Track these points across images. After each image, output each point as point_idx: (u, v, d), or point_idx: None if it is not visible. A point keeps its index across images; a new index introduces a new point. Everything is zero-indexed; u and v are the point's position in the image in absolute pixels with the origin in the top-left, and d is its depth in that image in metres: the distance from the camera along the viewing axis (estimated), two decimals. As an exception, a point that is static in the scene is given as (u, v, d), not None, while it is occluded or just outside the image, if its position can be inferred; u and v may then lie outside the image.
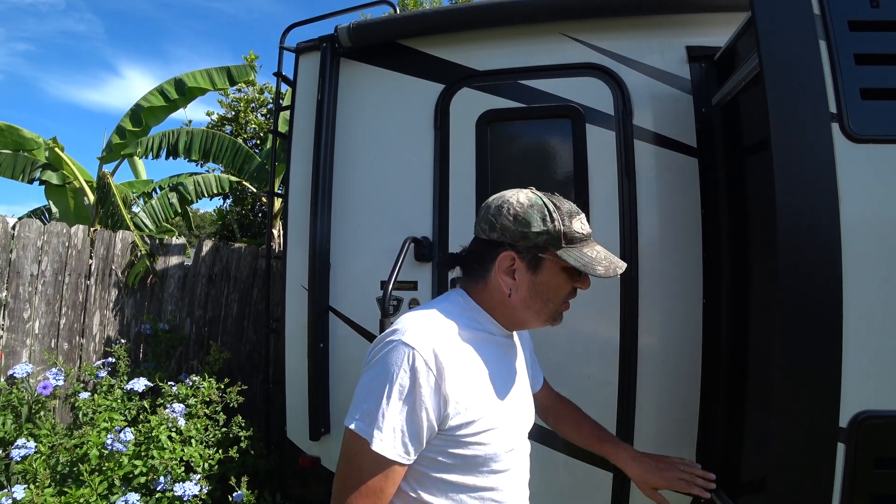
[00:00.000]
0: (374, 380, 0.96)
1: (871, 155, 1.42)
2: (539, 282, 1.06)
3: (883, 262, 1.41)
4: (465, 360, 1.01)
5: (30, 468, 2.22)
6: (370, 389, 0.96)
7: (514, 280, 1.06)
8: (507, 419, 1.07)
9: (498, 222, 1.06)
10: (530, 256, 1.05)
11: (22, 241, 3.01)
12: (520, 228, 1.03)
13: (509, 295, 1.07)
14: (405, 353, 0.95)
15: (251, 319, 4.23)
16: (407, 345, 0.96)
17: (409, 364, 0.95)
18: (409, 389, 0.94)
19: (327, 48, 2.44)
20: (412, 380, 0.94)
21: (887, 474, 1.41)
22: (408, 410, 0.94)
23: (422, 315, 1.05)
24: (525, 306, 1.08)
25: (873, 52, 1.47)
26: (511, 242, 1.05)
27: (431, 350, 0.96)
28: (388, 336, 1.01)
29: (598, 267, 1.05)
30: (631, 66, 2.16)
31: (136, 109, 5.11)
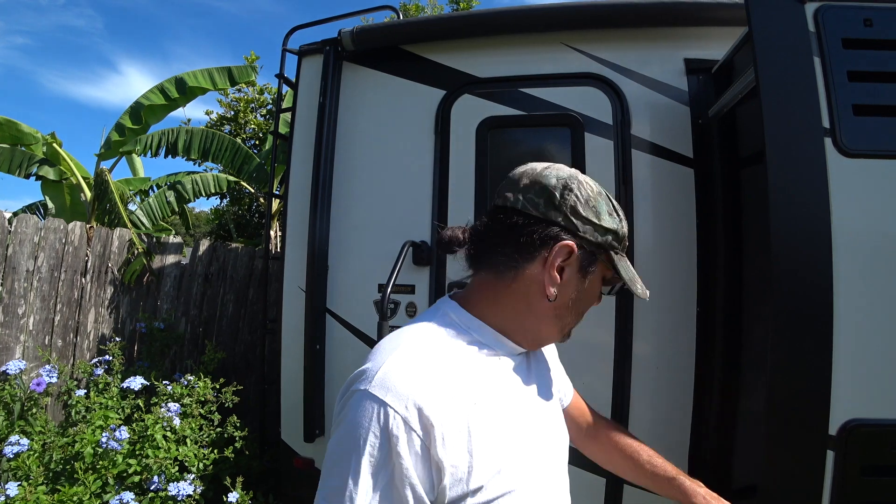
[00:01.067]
0: (339, 446, 0.70)
1: (862, 169, 1.45)
2: (584, 288, 0.83)
3: (873, 274, 1.45)
4: (464, 401, 0.72)
5: (22, 465, 2.21)
6: (336, 460, 0.70)
7: (560, 280, 0.80)
8: (533, 473, 0.79)
9: (566, 200, 0.80)
10: (588, 254, 0.81)
11: (18, 237, 3.00)
12: (589, 216, 0.80)
13: (551, 298, 0.80)
14: (374, 412, 0.68)
15: (247, 320, 4.23)
16: (375, 399, 0.68)
17: (379, 426, 0.67)
18: (383, 461, 0.67)
19: (330, 51, 2.46)
20: (386, 448, 0.67)
21: (875, 482, 1.43)
22: (383, 490, 0.67)
23: (401, 347, 0.75)
24: (556, 316, 0.83)
25: (866, 69, 1.51)
26: (574, 231, 0.79)
27: (413, 402, 0.68)
28: (354, 382, 0.73)
29: (638, 284, 0.85)
30: (630, 77, 2.19)
31: (135, 107, 5.11)
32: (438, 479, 0.69)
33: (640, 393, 2.08)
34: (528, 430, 0.81)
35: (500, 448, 0.74)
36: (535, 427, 0.83)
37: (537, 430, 0.84)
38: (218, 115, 7.45)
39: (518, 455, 0.76)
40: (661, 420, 2.09)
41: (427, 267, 2.28)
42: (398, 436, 0.67)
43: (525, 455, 0.78)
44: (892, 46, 1.52)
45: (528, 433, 0.80)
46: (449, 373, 0.74)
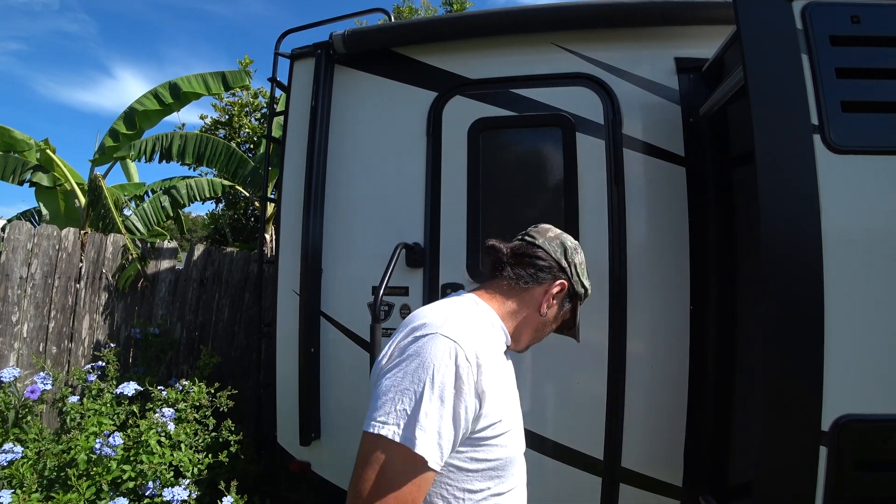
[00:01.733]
0: (410, 376, 0.89)
1: (851, 165, 1.46)
2: (558, 316, 1.22)
3: (863, 269, 1.45)
4: (494, 361, 1.01)
5: (16, 473, 2.20)
6: (405, 388, 0.88)
7: (547, 305, 1.18)
8: (518, 422, 1.11)
9: (572, 259, 1.20)
10: (570, 296, 1.21)
11: (11, 244, 2.99)
12: (580, 274, 1.22)
13: (542, 314, 1.17)
14: (447, 348, 0.91)
15: (242, 324, 4.22)
16: (448, 338, 0.92)
17: (452, 358, 0.90)
18: (454, 386, 0.89)
19: (322, 55, 2.46)
20: (456, 376, 0.89)
21: (868, 476, 1.44)
22: (451, 410, 0.88)
23: (448, 310, 1.03)
24: (538, 328, 1.19)
25: (853, 66, 1.52)
26: (569, 278, 1.19)
27: (472, 346, 0.94)
28: (419, 330, 0.96)
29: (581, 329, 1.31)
30: (621, 77, 2.20)
31: (129, 112, 5.10)
32: (480, 404, 0.94)
33: (635, 391, 2.08)
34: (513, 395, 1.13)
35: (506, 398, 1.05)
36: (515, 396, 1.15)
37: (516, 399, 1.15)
38: (212, 119, 7.44)
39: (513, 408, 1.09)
40: (655, 417, 2.09)
41: (420, 269, 2.28)
42: (464, 367, 0.91)
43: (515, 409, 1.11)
44: (879, 43, 1.54)
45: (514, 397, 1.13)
46: (487, 337, 1.04)
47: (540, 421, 2.16)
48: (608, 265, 2.11)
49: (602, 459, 2.08)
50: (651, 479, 2.08)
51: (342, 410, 2.37)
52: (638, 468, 2.08)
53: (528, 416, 2.11)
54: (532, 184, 2.32)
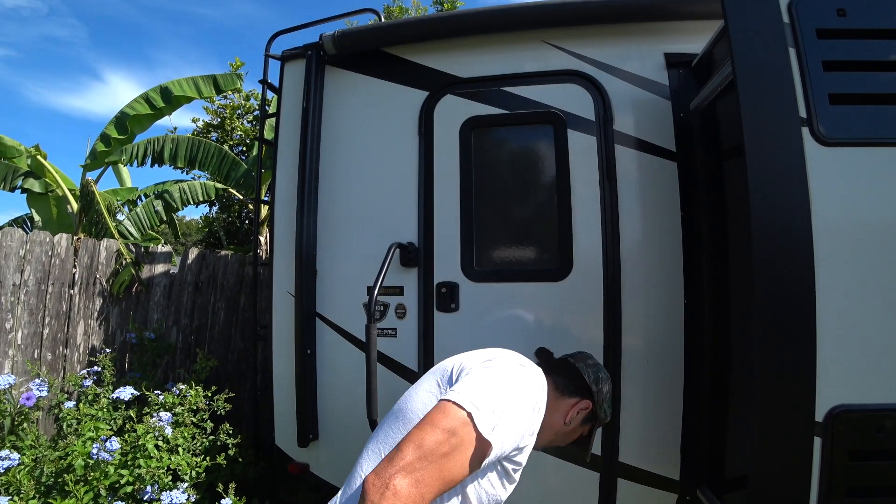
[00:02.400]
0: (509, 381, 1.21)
1: (839, 157, 1.47)
2: (577, 431, 1.46)
3: (854, 261, 1.46)
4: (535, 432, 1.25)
5: (13, 480, 2.19)
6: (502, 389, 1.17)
7: (570, 417, 1.40)
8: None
9: (601, 386, 1.46)
10: (591, 418, 1.46)
11: (4, 251, 2.97)
12: (604, 400, 1.47)
13: (566, 422, 1.40)
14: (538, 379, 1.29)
15: (238, 327, 4.21)
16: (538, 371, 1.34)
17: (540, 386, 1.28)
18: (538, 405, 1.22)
19: (312, 56, 2.46)
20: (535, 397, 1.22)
21: (862, 466, 1.45)
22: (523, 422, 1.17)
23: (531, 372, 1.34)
24: (556, 433, 1.39)
25: (840, 58, 1.53)
26: (595, 402, 1.45)
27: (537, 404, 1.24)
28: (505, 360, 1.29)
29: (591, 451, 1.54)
30: (611, 73, 2.21)
31: (121, 117, 5.07)
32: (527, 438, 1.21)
33: (631, 385, 2.09)
34: None
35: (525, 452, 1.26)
36: None
37: None
38: (204, 122, 7.40)
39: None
40: (652, 411, 2.10)
41: (414, 268, 2.29)
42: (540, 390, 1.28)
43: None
44: (866, 35, 1.55)
45: None
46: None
47: (537, 417, 2.16)
48: (602, 261, 2.12)
49: (600, 454, 2.09)
50: (649, 474, 2.09)
51: (340, 411, 2.37)
52: (635, 463, 2.09)
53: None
54: (525, 181, 2.32)
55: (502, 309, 2.21)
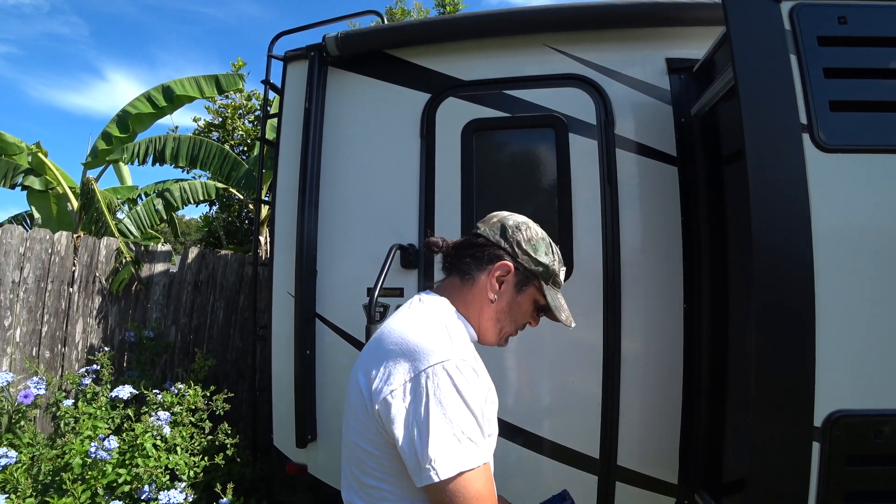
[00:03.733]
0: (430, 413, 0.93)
1: (839, 164, 1.48)
2: (516, 301, 1.16)
3: (853, 266, 1.47)
4: (480, 364, 1.06)
5: (10, 478, 2.19)
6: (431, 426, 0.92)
7: (499, 289, 1.13)
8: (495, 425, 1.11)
9: (513, 236, 1.14)
10: (522, 277, 1.14)
11: (3, 248, 2.97)
12: (528, 250, 1.14)
13: (492, 301, 1.13)
14: (465, 368, 0.97)
15: (237, 327, 4.21)
16: (461, 361, 0.98)
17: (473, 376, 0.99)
18: (470, 403, 0.95)
19: (315, 57, 2.46)
20: (466, 392, 0.95)
21: (860, 471, 1.45)
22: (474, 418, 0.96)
23: (429, 328, 1.04)
24: (496, 318, 1.15)
25: (841, 65, 1.54)
26: (514, 256, 1.13)
27: (468, 359, 1.00)
28: (419, 362, 0.97)
29: (563, 313, 1.19)
30: (613, 77, 2.22)
31: (122, 115, 5.07)
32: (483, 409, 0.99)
33: (630, 389, 2.09)
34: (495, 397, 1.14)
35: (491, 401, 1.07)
36: None
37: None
38: (206, 121, 7.40)
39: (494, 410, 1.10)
40: (650, 415, 2.10)
41: (415, 270, 2.29)
42: (471, 384, 0.97)
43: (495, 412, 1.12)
44: (866, 43, 1.56)
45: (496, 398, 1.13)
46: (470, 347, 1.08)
47: (535, 420, 2.17)
48: (602, 265, 2.13)
49: (598, 458, 2.09)
50: (647, 477, 2.09)
51: (338, 412, 2.36)
52: (634, 466, 2.09)
53: (523, 416, 2.15)
54: (525, 184, 2.33)
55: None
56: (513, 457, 2.15)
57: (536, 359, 2.20)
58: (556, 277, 1.18)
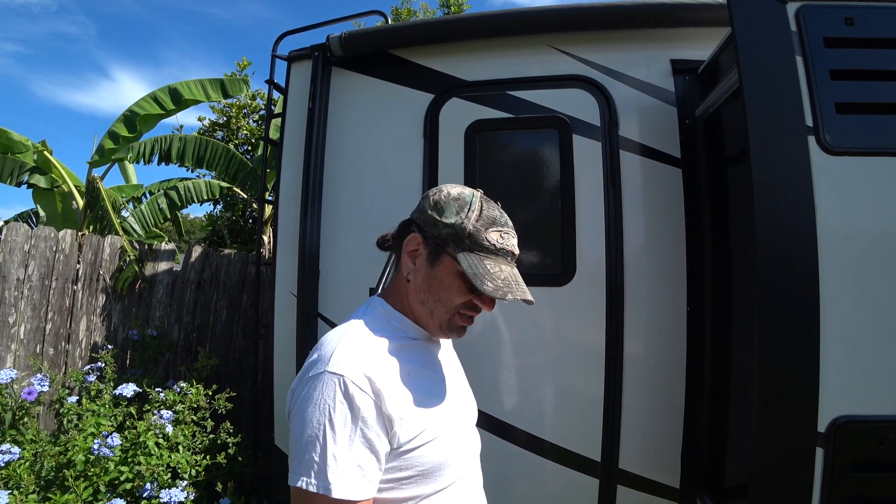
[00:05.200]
0: (309, 423, 0.85)
1: (845, 166, 1.47)
2: (434, 276, 0.99)
3: (858, 270, 1.46)
4: (397, 374, 0.93)
5: (13, 474, 2.20)
6: (308, 435, 0.85)
7: (413, 265, 1.01)
8: (450, 424, 1.01)
9: (420, 205, 1.04)
10: (433, 246, 0.99)
11: (9, 245, 2.99)
12: (433, 215, 0.99)
13: (407, 279, 1.01)
14: (336, 385, 0.86)
15: (240, 326, 4.22)
16: (334, 374, 0.87)
17: (343, 393, 0.85)
18: (353, 419, 0.85)
19: (319, 57, 2.46)
20: (352, 409, 0.85)
21: (864, 478, 1.44)
22: (358, 442, 0.85)
23: (341, 336, 0.95)
24: (420, 301, 1.01)
25: (847, 67, 1.53)
26: (421, 225, 1.01)
27: (361, 373, 0.88)
28: (310, 370, 0.90)
29: (488, 282, 0.93)
30: (617, 79, 2.21)
31: (129, 115, 5.09)
32: (390, 427, 0.88)
33: (632, 392, 2.08)
34: (442, 396, 1.02)
35: (427, 406, 0.96)
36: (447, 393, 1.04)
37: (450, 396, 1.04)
38: (210, 121, 7.43)
39: (439, 413, 0.98)
40: (652, 418, 2.09)
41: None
42: (358, 398, 0.86)
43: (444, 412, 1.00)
44: (873, 44, 1.55)
45: (442, 397, 1.02)
46: (383, 350, 0.95)
47: (537, 422, 2.16)
48: (605, 267, 2.12)
49: (599, 461, 2.08)
50: (648, 481, 2.08)
51: (339, 412, 2.37)
52: (635, 470, 2.08)
53: (525, 417, 2.14)
54: (529, 186, 2.32)
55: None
56: (513, 459, 2.14)
57: (538, 360, 2.19)
58: (475, 239, 0.96)
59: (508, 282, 0.96)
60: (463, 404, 1.11)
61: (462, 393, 1.13)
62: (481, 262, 0.95)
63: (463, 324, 1.02)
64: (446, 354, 1.15)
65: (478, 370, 2.19)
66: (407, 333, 1.03)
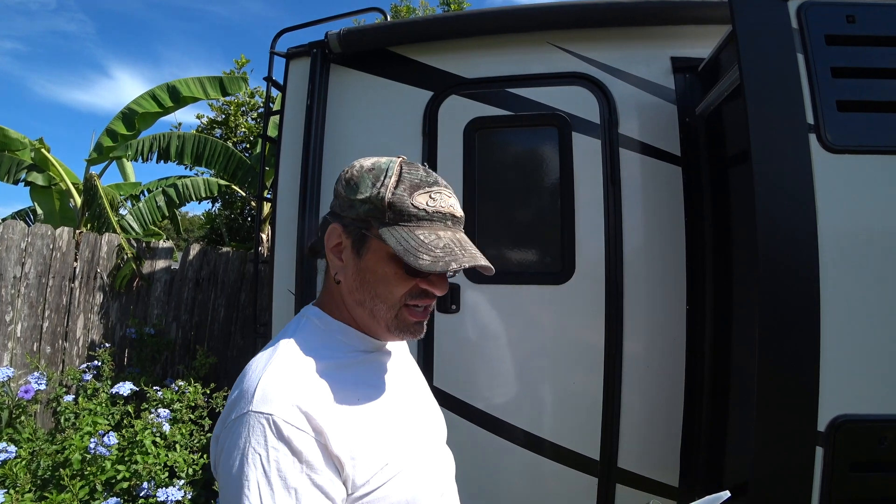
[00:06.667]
0: (237, 480, 0.66)
1: (847, 165, 1.46)
2: (364, 268, 0.80)
3: (859, 269, 1.45)
4: (342, 401, 0.75)
5: (9, 473, 2.19)
6: (239, 487, 0.66)
7: (340, 262, 0.82)
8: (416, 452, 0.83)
9: (335, 189, 0.84)
10: (356, 233, 0.80)
11: (5, 243, 2.97)
12: (348, 195, 0.80)
13: (337, 280, 0.83)
14: (264, 426, 0.68)
15: (239, 324, 4.21)
16: (262, 415, 0.68)
17: (275, 437, 0.67)
18: (294, 467, 0.67)
19: (317, 54, 2.45)
20: (292, 454, 0.67)
21: (864, 477, 1.43)
22: (306, 494, 0.67)
23: (266, 362, 0.76)
24: (357, 302, 0.82)
25: (849, 65, 1.52)
26: (339, 213, 0.82)
27: (295, 407, 0.69)
28: (232, 411, 0.72)
29: (424, 256, 0.74)
30: (617, 76, 2.20)
31: (127, 113, 5.08)
32: (341, 469, 0.71)
33: (631, 391, 2.08)
34: (399, 416, 0.84)
35: (384, 435, 0.78)
36: (409, 414, 0.87)
37: (409, 415, 0.87)
38: (209, 118, 7.41)
39: (399, 440, 0.80)
40: (652, 417, 2.09)
41: (416, 268, 2.27)
42: (297, 440, 0.68)
43: (404, 439, 0.82)
44: (875, 42, 1.54)
45: (400, 418, 0.84)
46: (323, 376, 0.76)
47: (536, 421, 2.15)
48: (604, 265, 2.11)
49: (598, 460, 2.08)
50: (647, 480, 2.07)
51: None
52: (634, 468, 2.08)
53: (523, 416, 2.13)
54: (528, 184, 2.31)
55: (503, 311, 2.20)
56: (512, 458, 2.13)
57: (537, 359, 2.18)
58: (398, 208, 0.76)
59: (450, 249, 0.76)
60: (428, 423, 0.92)
61: (426, 408, 0.95)
62: (411, 233, 0.76)
63: (415, 318, 0.82)
64: (401, 362, 0.96)
65: (476, 369, 2.19)
66: (353, 346, 0.84)
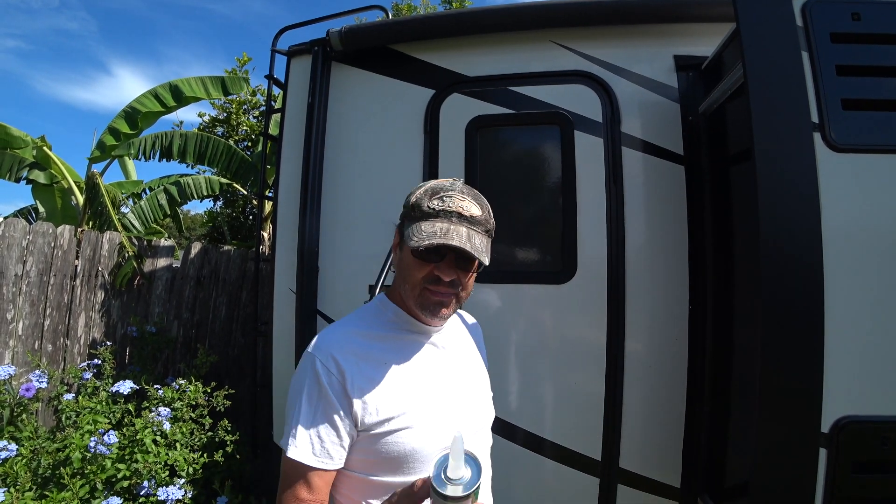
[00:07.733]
0: (291, 393, 1.02)
1: (851, 164, 1.44)
2: (401, 258, 1.06)
3: (864, 269, 1.44)
4: (369, 360, 1.02)
5: (10, 471, 2.19)
6: (289, 404, 1.02)
7: (397, 256, 1.09)
8: (430, 417, 1.02)
9: (406, 203, 1.08)
10: (400, 231, 1.07)
11: (6, 241, 2.97)
12: (405, 204, 1.07)
13: (394, 271, 1.11)
14: (310, 363, 1.00)
15: (239, 323, 4.20)
16: (310, 354, 1.01)
17: (312, 371, 0.99)
18: (316, 395, 0.98)
19: (319, 52, 2.44)
20: (317, 385, 0.98)
21: (867, 479, 1.42)
22: (318, 415, 0.97)
23: (334, 325, 1.10)
24: (400, 287, 1.07)
25: (854, 63, 1.50)
26: (401, 226, 1.08)
27: (330, 355, 0.99)
28: (307, 348, 1.05)
29: (415, 238, 0.97)
30: (619, 75, 2.19)
31: (130, 112, 5.07)
32: (351, 407, 0.97)
33: (633, 391, 2.07)
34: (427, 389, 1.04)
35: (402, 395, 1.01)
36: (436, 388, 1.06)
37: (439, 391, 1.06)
38: (210, 117, 7.41)
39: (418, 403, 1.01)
40: (653, 418, 2.08)
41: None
42: (323, 375, 0.98)
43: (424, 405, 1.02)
44: (880, 40, 1.52)
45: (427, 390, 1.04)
46: (365, 338, 1.05)
47: (538, 421, 2.14)
48: (606, 264, 2.10)
49: (600, 460, 2.07)
50: (649, 480, 2.06)
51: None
52: (636, 469, 2.07)
53: (525, 416, 2.13)
54: (530, 182, 2.30)
55: (504, 310, 2.19)
56: (514, 457, 2.13)
57: (538, 358, 2.17)
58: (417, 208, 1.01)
59: (435, 233, 0.96)
60: (464, 405, 1.11)
61: (466, 394, 1.13)
62: (417, 226, 0.98)
63: (434, 298, 1.02)
64: (451, 353, 1.15)
65: (478, 368, 2.18)
66: (401, 326, 1.08)
